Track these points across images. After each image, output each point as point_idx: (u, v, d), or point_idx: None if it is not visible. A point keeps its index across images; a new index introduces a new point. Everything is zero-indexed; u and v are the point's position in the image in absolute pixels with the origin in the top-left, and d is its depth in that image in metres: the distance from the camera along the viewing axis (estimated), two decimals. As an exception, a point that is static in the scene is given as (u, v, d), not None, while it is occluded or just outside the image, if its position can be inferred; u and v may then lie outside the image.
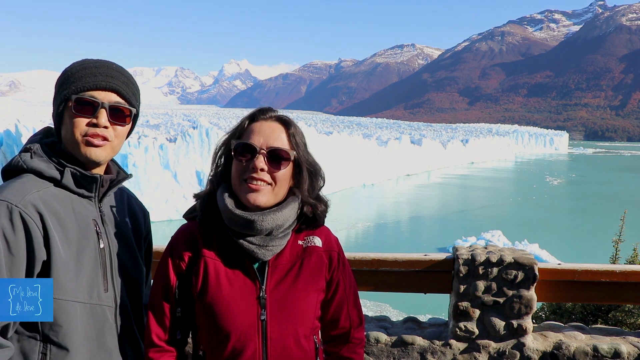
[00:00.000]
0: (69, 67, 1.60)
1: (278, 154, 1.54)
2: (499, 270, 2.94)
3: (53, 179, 1.54)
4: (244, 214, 1.51)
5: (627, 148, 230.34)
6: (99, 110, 1.55)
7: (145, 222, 1.90)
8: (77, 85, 1.55)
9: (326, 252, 1.65)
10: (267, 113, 1.61)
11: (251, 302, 1.53)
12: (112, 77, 1.59)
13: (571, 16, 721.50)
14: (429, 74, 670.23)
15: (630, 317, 4.09)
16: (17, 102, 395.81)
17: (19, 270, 1.40)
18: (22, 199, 1.43)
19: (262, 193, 1.52)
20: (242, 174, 1.53)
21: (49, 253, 1.45)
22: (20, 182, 1.49)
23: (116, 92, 1.59)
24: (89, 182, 1.59)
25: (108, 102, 1.56)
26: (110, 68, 1.60)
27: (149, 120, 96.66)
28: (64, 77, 1.59)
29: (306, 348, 1.58)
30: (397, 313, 18.51)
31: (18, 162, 1.54)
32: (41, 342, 1.47)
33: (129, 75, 1.66)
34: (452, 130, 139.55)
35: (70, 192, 1.57)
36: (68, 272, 1.48)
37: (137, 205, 1.88)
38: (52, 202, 1.50)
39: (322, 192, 1.71)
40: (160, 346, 1.58)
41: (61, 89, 1.58)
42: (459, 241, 27.93)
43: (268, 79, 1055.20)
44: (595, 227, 36.73)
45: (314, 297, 1.60)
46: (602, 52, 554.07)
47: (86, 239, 1.56)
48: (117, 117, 1.59)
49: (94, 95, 1.55)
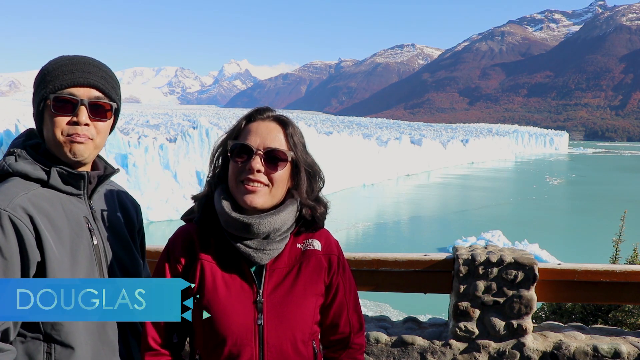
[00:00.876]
0: (46, 66, 1.58)
1: (275, 154, 1.51)
2: (499, 270, 2.94)
3: (40, 180, 1.53)
4: (240, 217, 1.49)
5: (627, 148, 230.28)
6: (79, 108, 1.53)
7: (137, 215, 1.89)
8: (55, 84, 1.52)
9: (325, 256, 1.62)
10: (264, 113, 1.58)
11: (248, 306, 1.51)
12: (90, 72, 1.56)
13: (571, 16, 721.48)
14: (429, 74, 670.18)
15: (630, 317, 4.09)
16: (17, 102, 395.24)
17: (14, 274, 1.40)
18: (10, 202, 1.42)
19: (259, 195, 1.50)
20: (238, 175, 1.51)
21: (43, 254, 1.44)
22: (6, 186, 1.48)
23: (95, 88, 1.56)
24: (76, 179, 1.58)
25: (87, 98, 1.54)
26: (87, 63, 1.57)
27: (149, 120, 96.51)
28: (41, 76, 1.56)
29: (304, 353, 1.56)
30: (397, 313, 18.49)
31: (3, 167, 1.52)
32: (45, 342, 1.47)
33: (107, 69, 1.63)
34: (452, 130, 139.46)
35: (58, 192, 1.56)
36: (64, 271, 1.48)
37: (127, 199, 1.87)
38: (42, 202, 1.49)
39: (322, 192, 1.68)
40: (156, 350, 1.57)
41: (39, 88, 1.55)
42: (459, 241, 27.91)
43: (268, 79, 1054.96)
44: (595, 227, 36.70)
45: (312, 302, 1.58)
46: (602, 52, 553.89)
47: (79, 237, 1.55)
48: (98, 113, 1.57)
49: (73, 92, 1.53)
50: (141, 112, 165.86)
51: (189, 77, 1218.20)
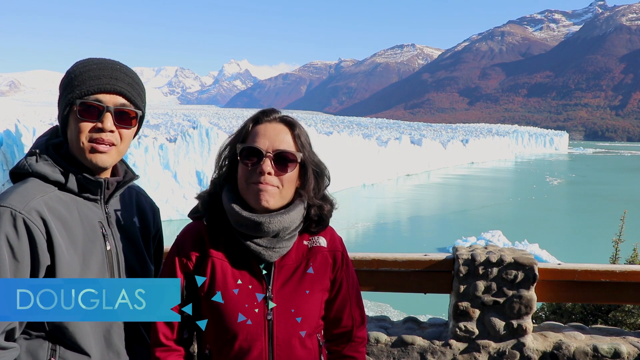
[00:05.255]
0: (72, 69, 1.57)
1: (285, 156, 1.54)
2: (499, 270, 2.94)
3: (58, 182, 1.53)
4: (251, 216, 1.51)
5: (627, 148, 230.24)
6: (104, 115, 1.53)
7: (154, 219, 1.88)
8: (82, 89, 1.52)
9: (331, 252, 1.67)
10: (270, 114, 1.60)
11: (258, 302, 1.54)
12: (117, 78, 1.56)
13: (571, 16, 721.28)
14: (429, 74, 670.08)
15: (630, 317, 4.09)
16: (17, 102, 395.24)
17: (23, 276, 1.41)
18: (25, 205, 1.43)
19: (270, 196, 1.52)
20: (248, 177, 1.53)
21: (53, 258, 1.45)
22: (24, 187, 1.48)
23: (121, 95, 1.56)
24: (94, 186, 1.58)
25: (113, 105, 1.54)
26: (114, 69, 1.57)
27: (149, 120, 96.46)
28: (67, 80, 1.56)
29: (310, 347, 1.60)
30: (397, 313, 18.51)
31: (24, 166, 1.54)
32: (49, 341, 1.48)
33: (133, 75, 1.62)
34: (452, 130, 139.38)
35: (75, 195, 1.57)
36: (73, 275, 1.48)
37: (146, 203, 1.86)
38: (57, 206, 1.50)
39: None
40: (168, 345, 1.59)
41: (65, 92, 1.56)
42: (459, 241, 27.92)
43: (268, 79, 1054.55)
44: (595, 227, 36.71)
45: (319, 297, 1.62)
46: (602, 52, 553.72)
47: (92, 242, 1.56)
48: (123, 120, 1.57)
49: (99, 98, 1.53)
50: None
51: (189, 77, 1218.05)
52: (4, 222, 1.39)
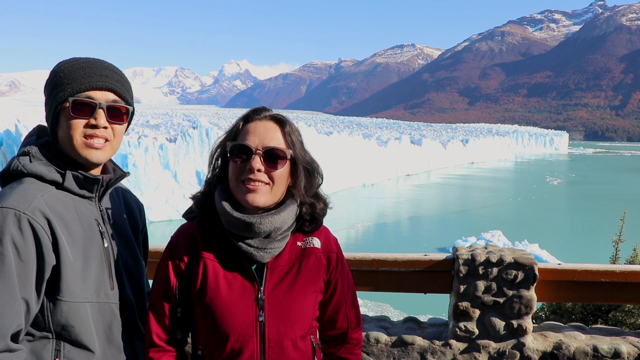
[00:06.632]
0: (60, 68, 1.58)
1: (274, 153, 1.53)
2: (499, 270, 2.94)
3: (54, 182, 1.53)
4: (242, 216, 1.51)
5: (627, 148, 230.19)
6: (97, 111, 1.54)
7: (140, 215, 1.91)
8: (73, 87, 1.53)
9: (325, 253, 1.65)
10: (261, 113, 1.60)
11: (249, 303, 1.54)
12: (107, 76, 1.58)
13: (571, 16, 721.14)
14: (429, 74, 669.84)
15: (630, 317, 4.09)
16: (17, 102, 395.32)
17: (29, 277, 1.41)
18: (29, 205, 1.42)
19: (260, 193, 1.52)
20: (239, 175, 1.53)
21: (58, 257, 1.45)
22: (22, 187, 1.48)
23: (112, 91, 1.58)
24: (91, 183, 1.59)
25: (105, 101, 1.56)
26: (103, 67, 1.59)
27: (149, 120, 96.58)
28: (56, 79, 1.56)
29: (303, 348, 1.59)
30: (397, 313, 18.50)
31: (17, 167, 1.52)
32: (54, 339, 1.49)
33: (121, 72, 1.65)
34: (452, 130, 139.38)
35: (72, 194, 1.57)
36: (76, 274, 1.49)
37: (132, 200, 1.89)
38: (57, 205, 1.50)
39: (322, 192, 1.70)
40: (161, 346, 1.59)
41: (55, 90, 1.55)
42: (459, 241, 27.92)
43: (268, 79, 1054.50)
44: (595, 227, 36.71)
45: (312, 299, 1.60)
46: (602, 52, 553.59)
47: (91, 240, 1.56)
48: (115, 116, 1.59)
49: (91, 95, 1.54)
50: (141, 112, 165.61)
51: (189, 77, 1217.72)
52: (8, 223, 1.38)
